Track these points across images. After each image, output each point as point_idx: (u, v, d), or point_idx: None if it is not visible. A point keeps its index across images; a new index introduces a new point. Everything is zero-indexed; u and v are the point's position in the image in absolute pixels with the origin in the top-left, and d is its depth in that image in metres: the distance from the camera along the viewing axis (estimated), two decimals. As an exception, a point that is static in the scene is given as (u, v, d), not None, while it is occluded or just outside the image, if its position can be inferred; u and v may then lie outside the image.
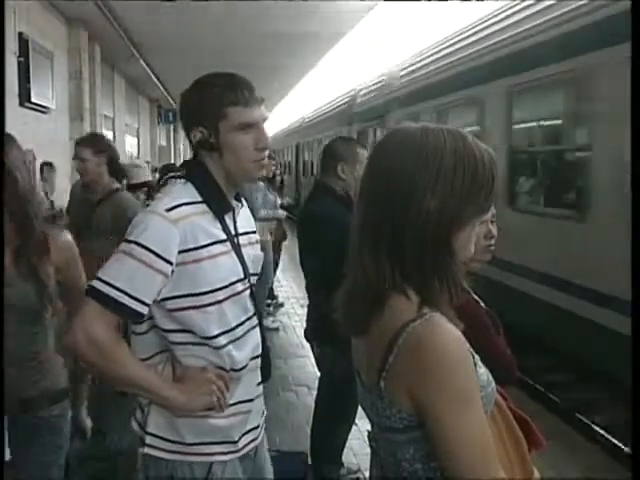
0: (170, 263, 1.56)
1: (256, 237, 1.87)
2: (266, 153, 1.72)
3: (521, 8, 6.24)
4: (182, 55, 11.10)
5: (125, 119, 14.07)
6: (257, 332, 1.79)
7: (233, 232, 1.72)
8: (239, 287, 1.69)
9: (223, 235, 1.67)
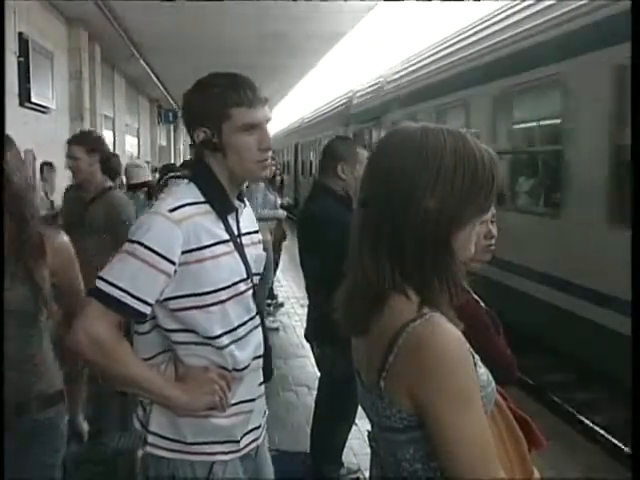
0: (173, 263, 1.56)
1: (259, 237, 1.88)
2: (269, 154, 1.72)
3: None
4: (182, 55, 11.11)
5: (125, 119, 14.08)
6: (259, 332, 1.79)
7: (236, 232, 1.72)
8: (242, 287, 1.69)
9: (226, 235, 1.67)
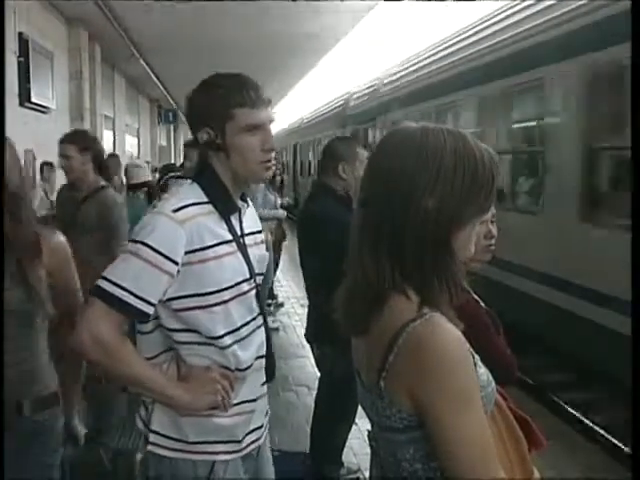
0: (176, 263, 1.57)
1: (262, 237, 1.88)
2: (272, 154, 1.73)
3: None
4: (182, 55, 11.11)
5: (125, 119, 14.08)
6: (262, 332, 1.79)
7: (239, 232, 1.73)
8: (245, 287, 1.70)
9: (229, 236, 1.68)
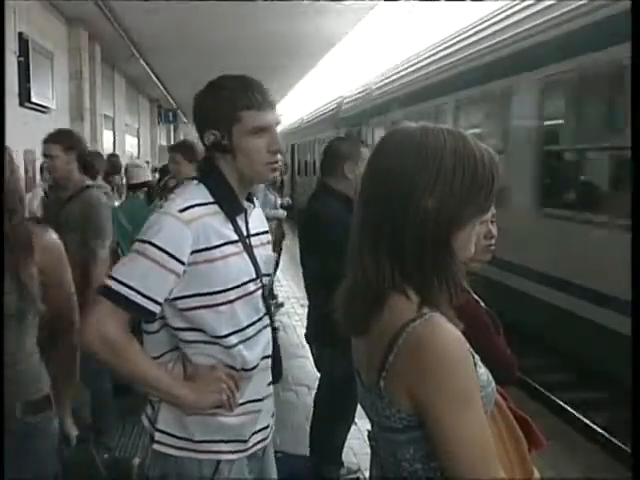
0: (182, 263, 1.58)
1: (268, 237, 1.89)
2: (279, 156, 1.75)
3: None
4: (182, 55, 11.10)
5: (125, 119, 14.08)
6: (268, 332, 1.80)
7: (245, 233, 1.73)
8: (251, 287, 1.71)
9: (235, 236, 1.69)
